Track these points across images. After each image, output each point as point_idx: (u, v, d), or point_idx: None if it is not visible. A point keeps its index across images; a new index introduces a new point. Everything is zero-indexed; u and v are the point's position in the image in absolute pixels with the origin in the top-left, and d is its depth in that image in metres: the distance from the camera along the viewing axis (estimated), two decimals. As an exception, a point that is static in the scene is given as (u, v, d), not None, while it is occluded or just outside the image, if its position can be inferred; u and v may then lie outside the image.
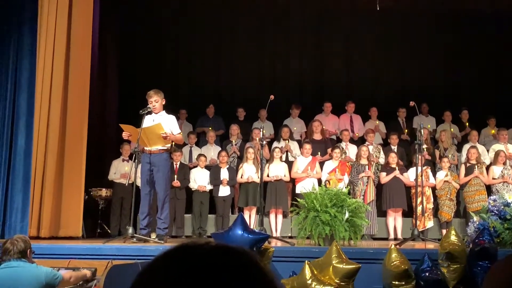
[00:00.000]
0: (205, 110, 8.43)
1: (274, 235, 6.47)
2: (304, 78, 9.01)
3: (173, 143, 5.72)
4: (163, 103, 5.23)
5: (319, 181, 6.82)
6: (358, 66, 9.05)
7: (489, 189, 6.98)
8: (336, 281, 3.92)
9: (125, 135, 5.17)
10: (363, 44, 8.83)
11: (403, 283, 4.09)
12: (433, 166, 7.33)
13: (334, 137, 8.09)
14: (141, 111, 5.14)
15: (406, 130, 7.99)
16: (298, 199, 5.42)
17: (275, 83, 8.87)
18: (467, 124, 8.13)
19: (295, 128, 8.01)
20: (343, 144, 7.59)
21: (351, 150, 7.47)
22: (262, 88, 8.76)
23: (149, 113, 5.24)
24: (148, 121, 5.19)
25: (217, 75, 9.21)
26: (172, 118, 5.31)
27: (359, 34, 8.79)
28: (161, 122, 5.10)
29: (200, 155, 7.31)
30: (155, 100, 5.21)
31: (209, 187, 7.06)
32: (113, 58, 7.98)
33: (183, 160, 7.39)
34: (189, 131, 8.03)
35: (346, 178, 6.88)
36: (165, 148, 5.25)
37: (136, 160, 5.11)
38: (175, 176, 6.88)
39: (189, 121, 8.46)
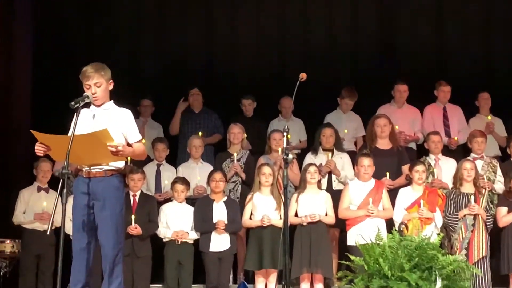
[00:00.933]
0: (187, 100, 8.58)
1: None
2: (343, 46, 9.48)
3: (129, 158, 5.85)
4: (110, 87, 5.24)
5: (389, 223, 6.89)
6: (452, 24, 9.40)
7: None
8: None
9: (39, 149, 5.01)
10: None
11: None
12: None
13: (413, 144, 8.25)
14: (72, 103, 4.92)
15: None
16: (351, 256, 5.56)
17: (304, 54, 9.24)
18: None
19: (345, 131, 8.08)
20: (430, 158, 7.66)
21: (445, 168, 7.56)
22: (283, 61, 9.16)
23: (87, 105, 5.15)
24: (85, 121, 5.10)
25: (206, 40, 9.45)
26: (126, 115, 5.23)
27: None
28: (108, 124, 5.04)
29: (177, 180, 7.33)
30: (96, 83, 5.09)
31: (193, 235, 7.10)
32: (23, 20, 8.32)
33: (146, 188, 7.54)
34: (156, 136, 8.10)
35: (437, 218, 6.91)
36: (115, 168, 5.15)
37: (65, 190, 4.77)
38: (133, 216, 6.87)
39: (157, 119, 8.58)
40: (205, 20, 9.42)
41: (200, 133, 8.04)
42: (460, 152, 7.93)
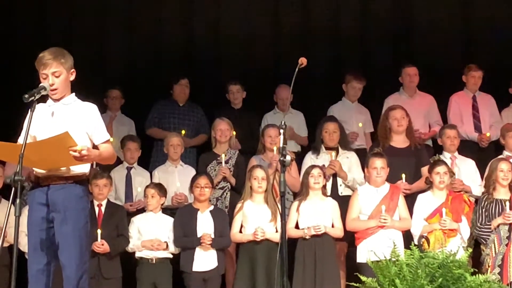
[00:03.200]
0: (166, 90, 8.61)
1: None
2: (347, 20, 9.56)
3: (94, 162, 5.83)
4: (72, 78, 5.24)
5: (407, 236, 6.87)
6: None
7: None
8: None
9: None
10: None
11: None
12: None
13: (429, 141, 8.32)
14: (26, 95, 4.89)
15: None
16: (362, 277, 5.55)
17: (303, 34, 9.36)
18: None
19: (360, 124, 8.20)
20: (445, 156, 7.71)
21: (462, 170, 7.62)
22: (279, 43, 9.29)
23: (43, 99, 5.11)
24: (42, 119, 5.11)
25: (184, 16, 9.53)
26: (91, 110, 5.25)
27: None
28: (70, 122, 5.08)
29: (151, 186, 7.32)
30: (55, 72, 5.08)
31: (172, 248, 7.07)
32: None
33: (114, 196, 7.53)
34: (127, 134, 8.14)
35: (463, 229, 6.89)
36: (78, 173, 5.18)
37: (18, 200, 4.75)
38: (98, 230, 6.84)
39: (128, 113, 8.60)
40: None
41: (183, 132, 8.07)
42: (490, 150, 8.04)
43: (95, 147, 5.14)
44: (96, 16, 9.34)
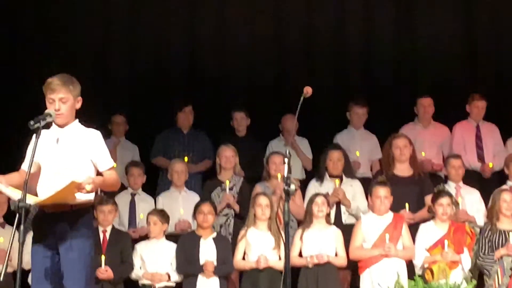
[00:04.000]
0: (172, 115, 8.59)
1: None
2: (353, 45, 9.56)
3: (99, 189, 5.75)
4: (78, 106, 5.21)
5: (410, 266, 6.85)
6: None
7: None
8: None
9: None
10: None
11: None
12: None
13: (441, 173, 8.20)
14: (31, 122, 4.85)
15: None
16: None
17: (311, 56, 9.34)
18: None
19: (357, 153, 8.14)
20: (449, 186, 7.65)
21: (467, 200, 7.57)
22: (283, 68, 9.27)
23: (47, 126, 5.06)
24: (47, 146, 5.07)
25: (189, 42, 9.50)
26: (95, 137, 5.22)
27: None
28: (75, 149, 5.10)
29: (153, 212, 7.27)
30: (62, 98, 5.05)
31: (175, 277, 7.01)
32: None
33: (118, 222, 7.50)
34: (131, 159, 8.15)
35: (465, 261, 6.86)
36: (84, 201, 5.11)
37: (22, 226, 4.66)
38: (102, 256, 6.78)
39: (132, 139, 8.59)
40: (188, 18, 9.50)
41: (186, 158, 8.04)
42: (494, 180, 7.99)
43: (99, 173, 5.13)
44: (100, 42, 9.36)
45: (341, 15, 9.56)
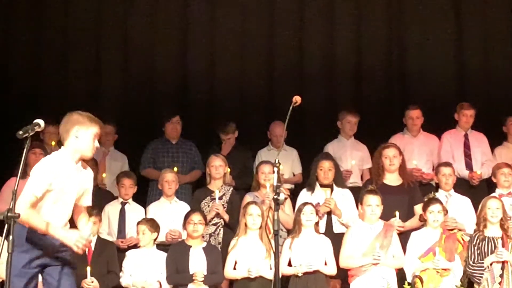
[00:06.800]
0: (159, 126, 8.59)
1: None
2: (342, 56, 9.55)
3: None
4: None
5: (400, 274, 6.84)
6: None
7: None
8: None
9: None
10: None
11: None
12: None
13: (433, 182, 8.14)
14: (20, 132, 4.86)
15: None
16: None
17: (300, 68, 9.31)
18: None
19: (353, 162, 8.15)
20: (440, 194, 7.64)
21: (458, 208, 7.54)
22: (273, 78, 9.28)
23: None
24: (69, 175, 5.20)
25: (179, 52, 9.52)
26: (92, 177, 5.52)
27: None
28: (81, 189, 5.31)
29: (142, 222, 7.29)
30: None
31: (166, 286, 7.00)
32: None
33: (107, 231, 7.56)
34: (120, 169, 8.21)
35: (456, 268, 6.86)
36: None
37: (11, 237, 4.65)
38: (88, 268, 6.73)
39: (121, 148, 8.58)
40: (178, 29, 9.49)
41: (175, 169, 8.00)
42: (483, 188, 7.97)
43: (76, 206, 5.21)
44: (91, 53, 9.35)
45: (332, 27, 9.60)
